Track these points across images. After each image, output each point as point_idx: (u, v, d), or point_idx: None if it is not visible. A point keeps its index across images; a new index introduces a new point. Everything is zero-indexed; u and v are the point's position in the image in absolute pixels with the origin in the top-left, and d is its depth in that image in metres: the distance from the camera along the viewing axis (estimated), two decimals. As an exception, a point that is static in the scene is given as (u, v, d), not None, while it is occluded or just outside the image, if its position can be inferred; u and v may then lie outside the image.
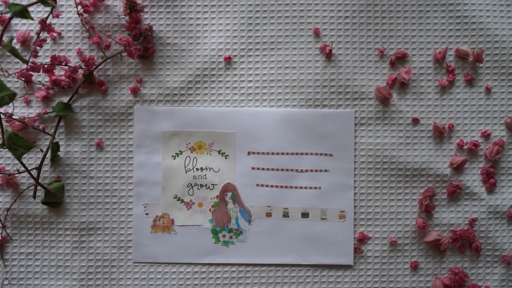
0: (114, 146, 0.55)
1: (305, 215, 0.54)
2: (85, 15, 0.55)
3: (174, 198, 0.55)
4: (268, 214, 0.54)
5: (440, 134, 0.55)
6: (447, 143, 0.55)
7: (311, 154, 0.55)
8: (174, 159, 0.55)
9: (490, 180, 0.55)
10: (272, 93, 0.55)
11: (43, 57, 0.55)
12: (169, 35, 0.56)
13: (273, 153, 0.55)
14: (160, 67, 0.55)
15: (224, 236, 0.55)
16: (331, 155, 0.55)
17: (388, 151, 0.55)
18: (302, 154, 0.55)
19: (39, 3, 0.49)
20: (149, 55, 0.55)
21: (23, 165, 0.49)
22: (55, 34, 0.55)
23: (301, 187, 0.55)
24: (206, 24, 0.56)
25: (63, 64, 0.53)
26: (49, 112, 0.55)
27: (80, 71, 0.54)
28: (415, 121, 0.55)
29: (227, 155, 0.55)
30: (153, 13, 0.56)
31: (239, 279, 0.55)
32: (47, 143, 0.54)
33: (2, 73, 0.54)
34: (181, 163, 0.55)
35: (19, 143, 0.46)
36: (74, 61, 0.55)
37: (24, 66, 0.51)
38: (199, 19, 0.56)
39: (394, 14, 0.56)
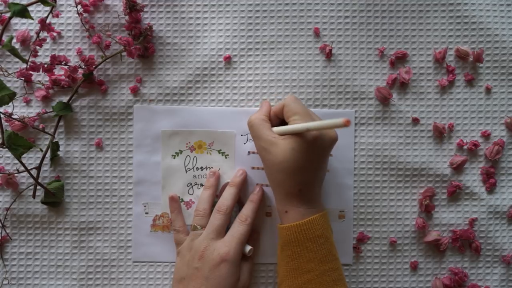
0: (114, 145, 0.55)
1: (304, 214, 0.54)
2: (85, 14, 0.55)
3: (174, 197, 0.55)
4: (268, 214, 0.54)
5: (440, 134, 0.55)
6: (447, 143, 0.55)
7: (311, 154, 0.55)
8: (174, 158, 0.55)
9: (490, 180, 0.55)
10: (272, 93, 0.55)
11: (43, 57, 0.55)
12: (169, 35, 0.56)
13: (273, 153, 0.55)
14: (160, 67, 0.55)
15: (223, 235, 0.55)
16: (331, 155, 0.55)
17: (388, 151, 0.55)
18: (302, 154, 0.55)
19: (39, 3, 0.49)
20: (149, 54, 0.55)
21: (23, 164, 0.49)
22: (55, 34, 0.55)
23: (300, 187, 0.54)
24: (206, 24, 0.56)
25: (63, 63, 0.53)
26: (48, 112, 0.55)
27: (80, 70, 0.54)
28: (415, 121, 0.55)
29: (227, 155, 0.55)
30: (153, 13, 0.56)
31: (239, 279, 0.54)
32: (47, 142, 0.54)
33: (1, 72, 0.54)
34: (181, 162, 0.55)
35: (18, 142, 0.46)
36: (74, 60, 0.55)
37: (24, 65, 0.51)
38: (199, 19, 0.56)
39: (394, 14, 0.56)
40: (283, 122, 0.47)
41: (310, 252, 0.44)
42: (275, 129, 0.47)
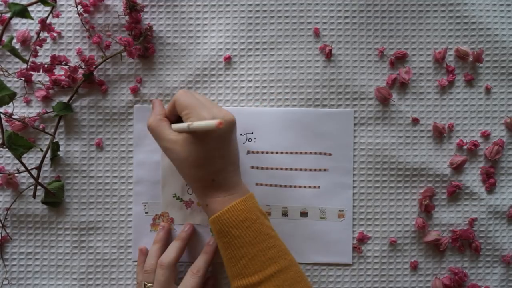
0: (114, 145, 0.55)
1: (304, 214, 0.55)
2: (85, 15, 0.55)
3: (174, 197, 0.55)
4: (267, 213, 0.54)
5: (440, 134, 0.55)
6: (447, 143, 0.55)
7: (310, 153, 0.55)
8: (174, 158, 0.55)
9: (489, 180, 0.55)
10: (272, 93, 0.55)
11: (43, 57, 0.55)
12: (169, 35, 0.56)
13: (272, 153, 0.55)
14: (160, 67, 0.56)
15: (223, 235, 0.55)
16: (330, 154, 0.55)
17: (388, 151, 0.55)
18: (301, 153, 0.55)
19: (39, 3, 0.49)
20: (149, 55, 0.55)
21: (23, 164, 0.49)
22: (55, 34, 0.55)
23: (300, 186, 0.55)
24: (206, 24, 0.56)
25: (63, 64, 0.53)
26: (49, 112, 0.55)
27: (80, 71, 0.54)
28: (415, 121, 0.55)
29: (227, 155, 0.55)
30: (153, 13, 0.56)
31: (239, 279, 0.54)
32: (47, 142, 0.54)
33: (2, 72, 0.55)
34: (181, 162, 0.55)
35: (19, 142, 0.47)
36: (74, 61, 0.55)
37: (24, 65, 0.51)
38: (199, 19, 0.56)
39: (394, 14, 0.56)
40: (180, 118, 0.47)
41: (238, 238, 0.44)
42: (173, 126, 0.47)
